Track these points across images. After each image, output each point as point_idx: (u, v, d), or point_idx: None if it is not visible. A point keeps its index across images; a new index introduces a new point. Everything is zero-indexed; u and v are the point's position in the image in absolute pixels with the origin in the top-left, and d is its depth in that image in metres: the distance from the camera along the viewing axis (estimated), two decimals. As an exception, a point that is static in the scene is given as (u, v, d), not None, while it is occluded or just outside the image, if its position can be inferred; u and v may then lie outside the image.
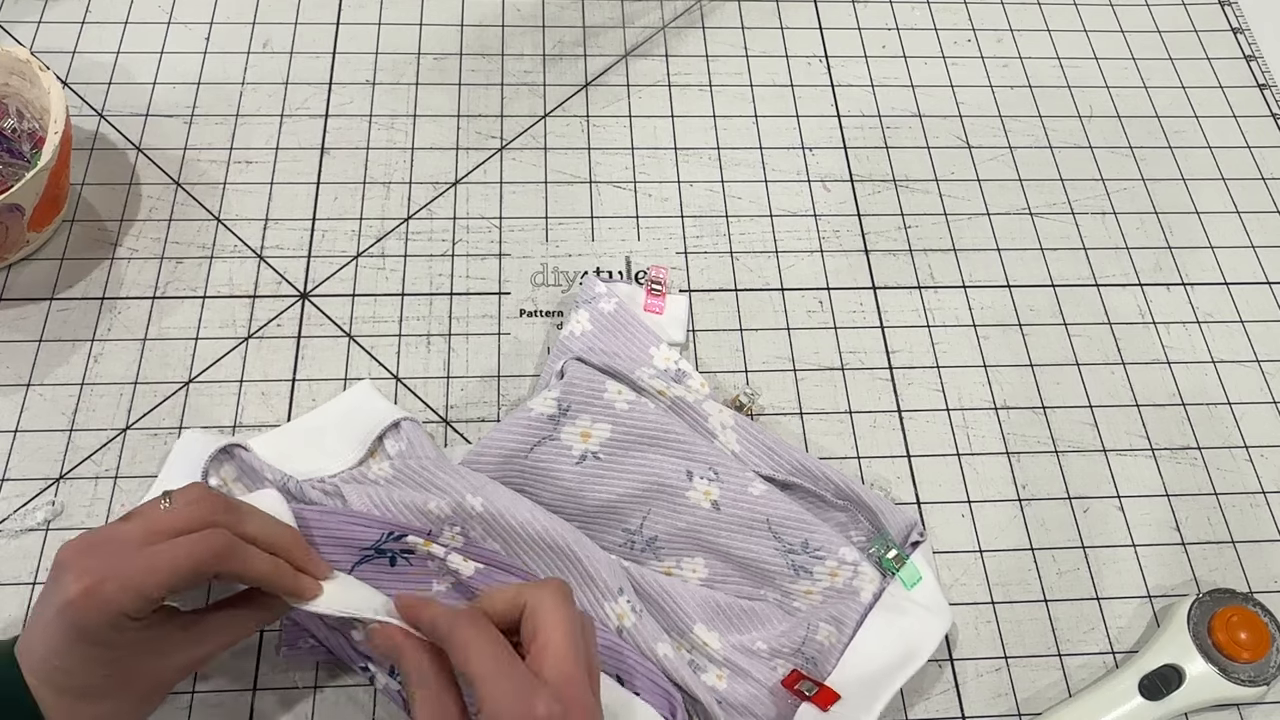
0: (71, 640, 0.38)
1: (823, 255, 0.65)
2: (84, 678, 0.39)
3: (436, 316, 0.61)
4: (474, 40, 0.73)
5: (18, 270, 0.61)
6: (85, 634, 0.38)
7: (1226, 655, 0.51)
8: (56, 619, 0.38)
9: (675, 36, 0.74)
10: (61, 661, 0.39)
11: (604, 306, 0.58)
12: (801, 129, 0.70)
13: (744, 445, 0.56)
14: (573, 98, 0.70)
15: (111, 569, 0.38)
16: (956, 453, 0.59)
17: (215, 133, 0.67)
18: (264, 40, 0.71)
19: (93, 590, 0.38)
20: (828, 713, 0.48)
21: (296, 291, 0.61)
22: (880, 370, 0.61)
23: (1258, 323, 0.65)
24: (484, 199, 0.66)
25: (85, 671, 0.39)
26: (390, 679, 0.49)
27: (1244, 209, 0.70)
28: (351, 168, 0.66)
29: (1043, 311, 0.64)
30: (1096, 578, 0.56)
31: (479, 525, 0.49)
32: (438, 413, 0.58)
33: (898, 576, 0.52)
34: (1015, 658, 0.53)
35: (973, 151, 0.70)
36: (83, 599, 0.38)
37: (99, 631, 0.38)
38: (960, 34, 0.76)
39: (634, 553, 0.53)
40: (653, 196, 0.67)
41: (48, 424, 0.56)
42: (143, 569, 0.38)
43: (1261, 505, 0.59)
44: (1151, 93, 0.74)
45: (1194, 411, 0.61)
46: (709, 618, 0.51)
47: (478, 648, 0.38)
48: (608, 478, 0.53)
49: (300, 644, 0.50)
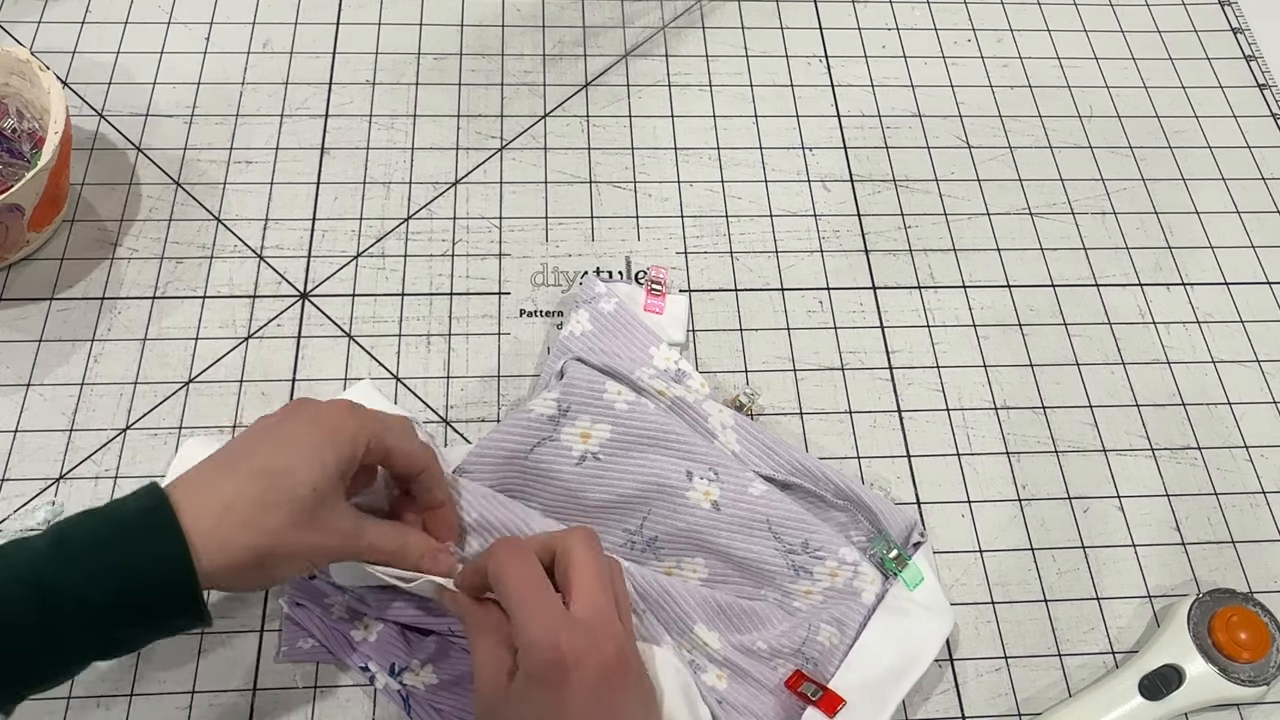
0: (320, 441, 0.42)
1: (823, 255, 0.65)
2: (299, 481, 0.41)
3: (436, 316, 0.61)
4: (474, 40, 0.73)
5: (18, 270, 0.61)
6: (335, 438, 0.42)
7: (1226, 655, 0.51)
8: (310, 425, 0.43)
9: (675, 36, 0.74)
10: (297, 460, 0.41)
11: (604, 306, 0.58)
12: (801, 129, 0.70)
13: (744, 445, 0.56)
14: (573, 98, 0.70)
15: (363, 409, 0.45)
16: (956, 453, 0.59)
17: (215, 133, 0.67)
18: (264, 40, 0.71)
19: (356, 408, 0.44)
20: (833, 718, 0.48)
21: (296, 291, 0.61)
22: (880, 370, 0.61)
23: (1258, 323, 0.65)
24: (484, 199, 0.66)
25: (306, 475, 0.41)
26: (390, 679, 0.49)
27: (1244, 209, 0.70)
28: (351, 168, 0.66)
29: (1043, 311, 0.64)
30: (1096, 578, 0.56)
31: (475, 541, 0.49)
32: (438, 413, 0.58)
33: (900, 578, 0.52)
34: (1015, 658, 0.53)
35: (973, 151, 0.70)
36: (346, 408, 0.44)
37: (344, 446, 0.42)
38: (960, 34, 0.76)
39: (634, 553, 0.53)
40: (653, 196, 0.67)
41: (48, 424, 0.56)
42: (383, 418, 0.45)
43: (1261, 505, 0.59)
44: (1151, 93, 0.74)
45: (1194, 411, 0.61)
46: (709, 618, 0.51)
47: (514, 576, 0.41)
48: (608, 478, 0.53)
49: (300, 644, 0.50)
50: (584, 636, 0.39)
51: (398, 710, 0.49)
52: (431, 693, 0.49)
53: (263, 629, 0.51)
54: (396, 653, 0.50)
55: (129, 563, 0.38)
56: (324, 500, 0.42)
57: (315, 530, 0.42)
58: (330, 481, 0.42)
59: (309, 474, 0.41)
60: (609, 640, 0.40)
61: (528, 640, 0.39)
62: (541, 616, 0.39)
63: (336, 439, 0.42)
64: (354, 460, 0.43)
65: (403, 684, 0.49)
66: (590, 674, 0.38)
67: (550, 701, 0.38)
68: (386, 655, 0.49)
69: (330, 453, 0.42)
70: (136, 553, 0.39)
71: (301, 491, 0.41)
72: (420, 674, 0.49)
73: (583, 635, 0.39)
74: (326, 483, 0.42)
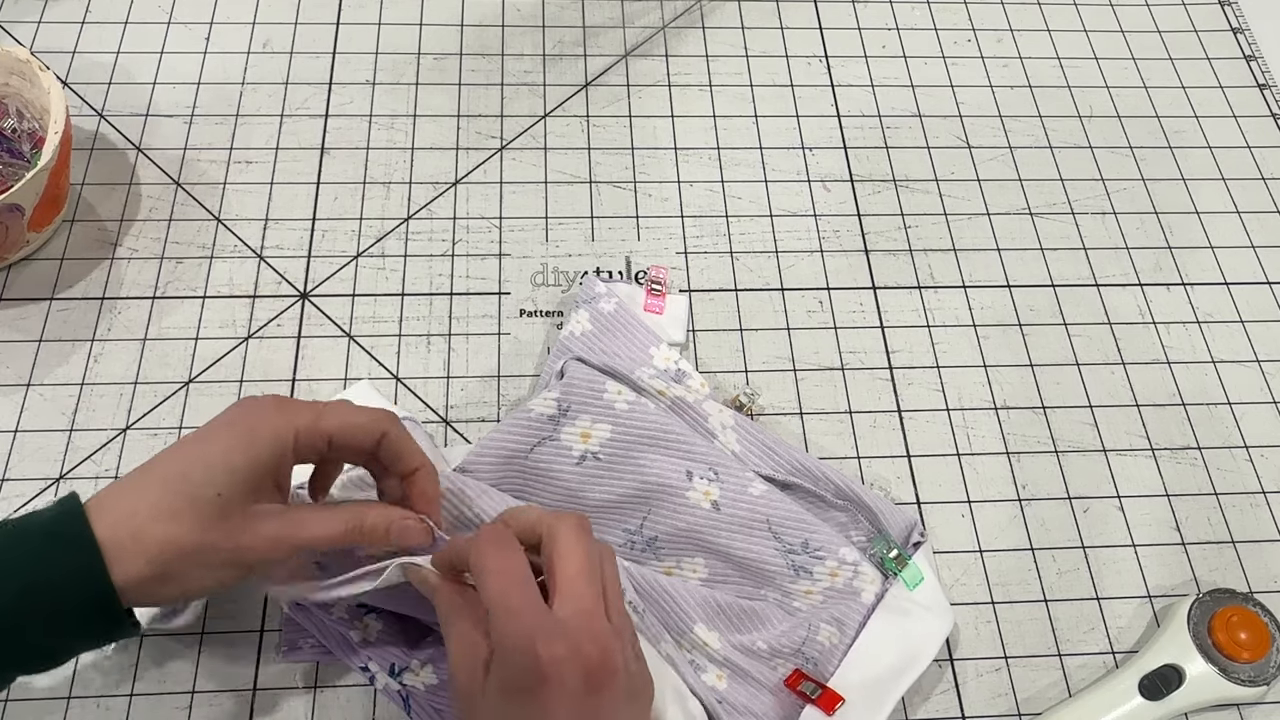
0: (229, 444, 0.40)
1: (823, 255, 0.65)
2: (204, 487, 0.40)
3: (436, 316, 0.61)
4: (474, 40, 0.73)
5: (18, 270, 0.61)
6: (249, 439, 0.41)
7: (1226, 655, 0.51)
8: (225, 427, 0.41)
9: (675, 36, 0.74)
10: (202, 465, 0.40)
11: (604, 306, 0.58)
12: (801, 129, 0.70)
13: (744, 445, 0.56)
14: (573, 98, 0.70)
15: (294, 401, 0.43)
16: (956, 453, 0.59)
17: (215, 133, 0.67)
18: (264, 40, 0.71)
19: (283, 402, 0.43)
20: (832, 717, 0.48)
21: (296, 291, 0.61)
22: (880, 370, 0.61)
23: (1258, 323, 0.65)
24: (484, 199, 0.66)
25: (211, 481, 0.40)
26: (390, 679, 0.49)
27: (1244, 209, 0.70)
28: (351, 168, 0.66)
29: (1043, 311, 0.64)
30: (1096, 578, 0.56)
31: None
32: (438, 413, 0.58)
33: (900, 577, 0.52)
34: (1015, 658, 0.53)
35: (973, 151, 0.70)
36: (272, 404, 0.42)
37: (261, 445, 0.41)
38: (960, 34, 0.76)
39: (634, 553, 0.53)
40: (653, 196, 0.67)
41: (48, 424, 0.56)
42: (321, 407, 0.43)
43: (1261, 505, 0.59)
44: (1151, 93, 0.74)
45: (1194, 411, 0.61)
46: (709, 617, 0.51)
47: (495, 570, 0.38)
48: (608, 478, 0.53)
49: (300, 644, 0.50)
50: (563, 641, 0.36)
51: (398, 710, 0.49)
52: (431, 693, 0.49)
53: (263, 629, 0.51)
54: (396, 653, 0.50)
55: (42, 573, 0.38)
56: (235, 504, 0.40)
57: (230, 535, 0.40)
58: (240, 484, 0.40)
59: (214, 478, 0.40)
60: (591, 643, 0.37)
61: (503, 644, 0.37)
62: (520, 616, 0.37)
63: (252, 439, 0.41)
64: (279, 457, 0.41)
65: (403, 684, 0.49)
66: (571, 681, 0.36)
67: (528, 713, 0.36)
68: (386, 655, 0.49)
69: (240, 455, 0.40)
70: (49, 561, 0.38)
71: (205, 496, 0.39)
72: (420, 674, 0.49)
73: (562, 640, 0.36)
74: (235, 486, 0.40)
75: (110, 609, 0.39)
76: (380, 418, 0.43)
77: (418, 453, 0.44)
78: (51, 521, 0.39)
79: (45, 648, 0.40)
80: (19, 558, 0.38)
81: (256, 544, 0.41)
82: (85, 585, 0.38)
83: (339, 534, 0.42)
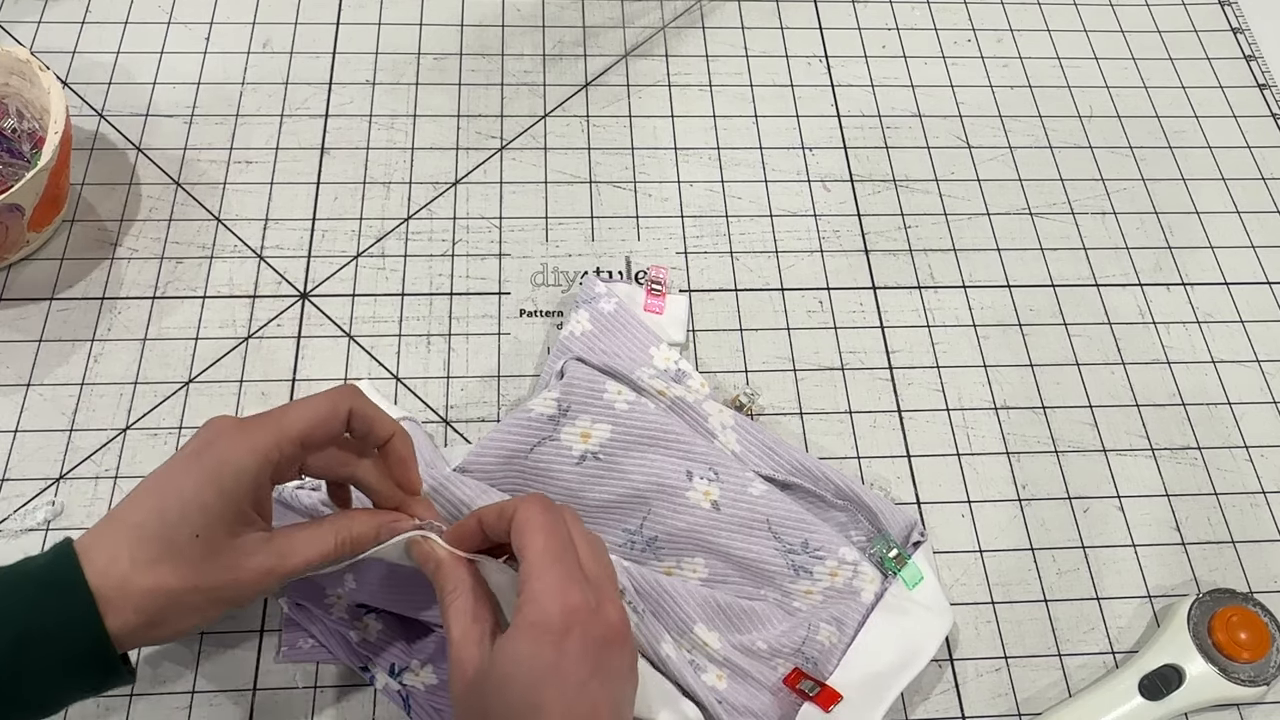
0: (200, 481, 0.39)
1: (823, 255, 0.65)
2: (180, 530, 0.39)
3: (436, 316, 0.61)
4: (474, 40, 0.73)
5: (18, 270, 0.61)
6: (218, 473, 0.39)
7: (1226, 655, 0.51)
8: (193, 461, 0.40)
9: (675, 36, 0.74)
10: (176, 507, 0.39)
11: (604, 306, 0.58)
12: (801, 129, 0.70)
13: (744, 445, 0.56)
14: (573, 98, 0.70)
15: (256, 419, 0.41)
16: (956, 453, 0.59)
17: (215, 133, 0.67)
18: (264, 40, 0.71)
19: (246, 425, 0.41)
20: (829, 714, 0.48)
21: (296, 291, 0.61)
22: (880, 370, 0.61)
23: (1258, 323, 0.65)
24: (484, 199, 0.66)
25: (187, 522, 0.39)
26: (390, 679, 0.49)
27: (1244, 209, 0.70)
28: (351, 168, 0.66)
29: (1043, 311, 0.64)
30: (1096, 578, 0.56)
31: None
32: (438, 413, 0.58)
33: (899, 577, 0.52)
34: (1015, 658, 0.53)
35: (973, 151, 0.70)
36: (234, 429, 0.41)
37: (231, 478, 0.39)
38: (960, 34, 0.76)
39: (634, 553, 0.53)
40: (653, 196, 0.67)
41: (48, 424, 0.56)
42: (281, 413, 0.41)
43: (1261, 505, 0.59)
44: (1151, 93, 0.74)
45: (1194, 411, 0.61)
46: (709, 617, 0.51)
47: (536, 528, 0.40)
48: (608, 478, 0.53)
49: (300, 644, 0.50)
50: (594, 595, 0.39)
51: (398, 711, 0.49)
52: (431, 693, 0.49)
53: (263, 629, 0.51)
54: (396, 653, 0.50)
55: (36, 621, 0.37)
56: (216, 542, 0.39)
57: (217, 573, 0.39)
58: (217, 521, 0.39)
59: (189, 519, 0.39)
60: (612, 605, 0.39)
61: (541, 586, 0.38)
62: (561, 567, 0.39)
63: (220, 472, 0.39)
64: (255, 483, 0.40)
65: (402, 684, 0.49)
66: (594, 630, 0.38)
67: (547, 654, 0.37)
68: (386, 656, 0.49)
69: (212, 491, 0.39)
70: (44, 609, 0.38)
71: (183, 539, 0.39)
72: (420, 674, 0.49)
73: (593, 594, 0.39)
74: (212, 525, 0.39)
75: (105, 657, 0.38)
76: (340, 396, 0.43)
77: (388, 419, 0.44)
78: (46, 569, 0.39)
79: (40, 697, 0.39)
80: (13, 605, 0.38)
81: (246, 579, 0.40)
82: (81, 634, 0.38)
83: (330, 550, 0.42)
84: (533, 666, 0.37)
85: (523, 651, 0.38)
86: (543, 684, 0.37)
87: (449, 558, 0.42)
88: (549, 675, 0.37)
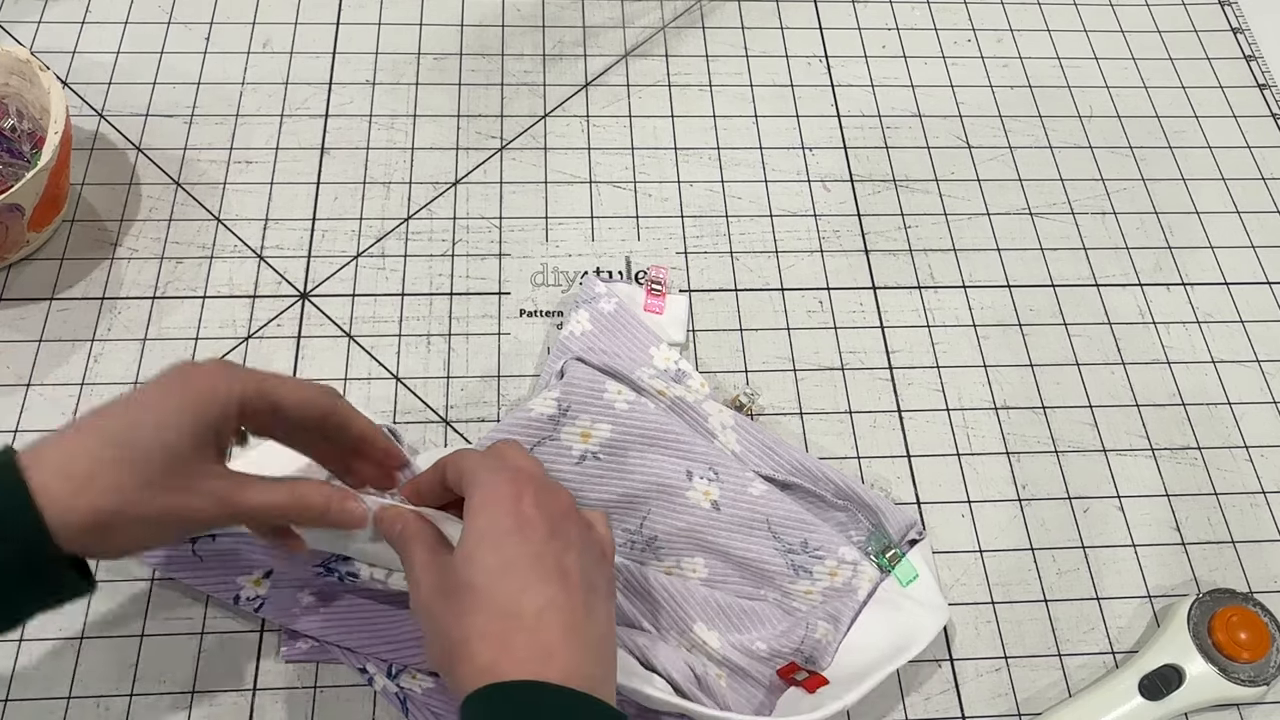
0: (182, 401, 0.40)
1: (823, 255, 0.65)
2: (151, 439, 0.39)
3: (436, 316, 0.61)
4: (474, 40, 0.73)
5: (18, 270, 0.61)
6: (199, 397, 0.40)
7: (1226, 655, 0.51)
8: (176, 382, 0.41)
9: (675, 36, 0.74)
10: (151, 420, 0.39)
11: (604, 306, 0.58)
12: (801, 129, 0.70)
13: (744, 445, 0.56)
14: (573, 98, 0.70)
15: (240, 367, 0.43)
16: (956, 453, 0.59)
17: (215, 133, 0.67)
18: (264, 40, 0.71)
19: (231, 364, 0.43)
20: (814, 695, 0.48)
21: (296, 291, 0.61)
22: (880, 370, 0.61)
23: (1258, 323, 0.65)
24: (484, 199, 0.66)
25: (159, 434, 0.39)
26: (389, 680, 0.49)
27: (1244, 209, 0.70)
28: (351, 168, 0.66)
29: (1043, 311, 0.64)
30: (1096, 578, 0.56)
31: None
32: (438, 413, 0.58)
33: (893, 573, 0.52)
34: (1015, 658, 0.53)
35: (973, 151, 0.70)
36: (219, 363, 0.42)
37: (210, 403, 0.40)
38: (960, 34, 0.76)
39: (634, 552, 0.53)
40: (653, 196, 0.67)
41: (48, 424, 0.56)
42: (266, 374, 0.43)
43: (1261, 505, 0.59)
44: (1151, 93, 0.74)
45: (1194, 411, 0.61)
46: (709, 617, 0.51)
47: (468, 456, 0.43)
48: (608, 478, 0.53)
49: (300, 644, 0.50)
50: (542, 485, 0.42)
51: (397, 711, 0.49)
52: (429, 695, 0.49)
53: (263, 629, 0.51)
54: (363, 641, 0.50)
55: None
56: (181, 460, 0.39)
57: (173, 492, 0.39)
58: (188, 441, 0.39)
59: (161, 433, 0.39)
60: (563, 491, 0.43)
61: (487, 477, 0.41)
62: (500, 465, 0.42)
63: (200, 398, 0.40)
64: (225, 419, 0.41)
65: (400, 686, 0.49)
66: (545, 499, 0.41)
67: (504, 520, 0.40)
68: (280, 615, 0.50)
69: (189, 413, 0.40)
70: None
71: (151, 450, 0.39)
72: (418, 676, 0.49)
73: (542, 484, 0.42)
74: (183, 442, 0.39)
75: (50, 558, 0.38)
76: (326, 392, 0.44)
77: (364, 420, 0.45)
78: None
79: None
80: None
81: (203, 504, 0.40)
82: (16, 531, 0.37)
83: (282, 502, 0.42)
84: (495, 532, 0.40)
85: (481, 525, 0.40)
86: (505, 541, 0.39)
87: (414, 517, 0.43)
88: (510, 534, 0.40)
